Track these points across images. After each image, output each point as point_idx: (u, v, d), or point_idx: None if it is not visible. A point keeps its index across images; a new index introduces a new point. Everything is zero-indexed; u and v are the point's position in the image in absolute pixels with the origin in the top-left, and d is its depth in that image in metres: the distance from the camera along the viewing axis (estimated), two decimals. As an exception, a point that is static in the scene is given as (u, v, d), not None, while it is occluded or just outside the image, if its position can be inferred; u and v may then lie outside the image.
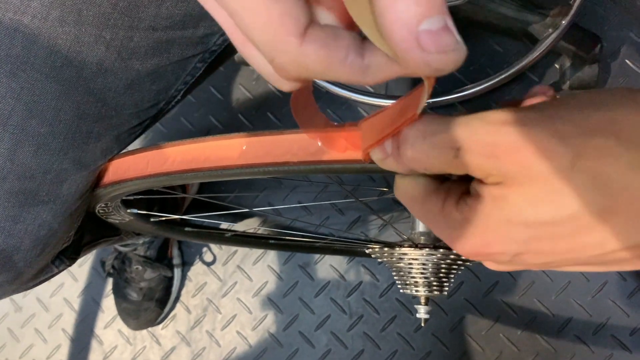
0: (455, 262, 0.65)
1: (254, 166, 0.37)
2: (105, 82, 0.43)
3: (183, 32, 0.44)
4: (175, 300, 1.11)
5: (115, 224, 0.70)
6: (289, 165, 0.36)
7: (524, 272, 1.05)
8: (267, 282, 1.09)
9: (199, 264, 1.12)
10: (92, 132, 0.44)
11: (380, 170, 0.35)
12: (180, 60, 0.46)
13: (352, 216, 1.09)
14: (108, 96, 0.43)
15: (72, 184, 0.44)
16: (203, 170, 0.39)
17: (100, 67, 0.42)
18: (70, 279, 1.16)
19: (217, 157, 0.39)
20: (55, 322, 1.15)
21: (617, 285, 1.03)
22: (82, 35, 0.41)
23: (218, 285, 1.11)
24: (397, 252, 0.65)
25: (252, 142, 0.37)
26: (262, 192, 1.11)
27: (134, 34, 0.42)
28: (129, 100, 0.44)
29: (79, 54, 0.41)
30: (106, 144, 0.45)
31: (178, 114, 1.17)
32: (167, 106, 0.49)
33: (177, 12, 0.43)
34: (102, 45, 0.41)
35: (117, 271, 1.07)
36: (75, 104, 0.42)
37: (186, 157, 0.40)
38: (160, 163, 0.42)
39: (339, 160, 0.35)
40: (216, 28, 0.46)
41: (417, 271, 0.65)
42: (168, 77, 0.46)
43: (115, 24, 0.41)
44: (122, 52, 0.42)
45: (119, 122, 0.45)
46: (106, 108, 0.44)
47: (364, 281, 1.07)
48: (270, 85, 1.15)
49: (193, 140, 0.40)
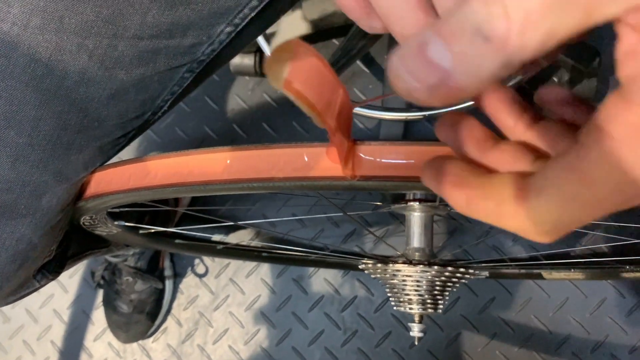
0: (450, 279, 0.64)
1: (238, 181, 0.36)
2: (88, 92, 0.41)
3: (170, 41, 0.43)
4: (166, 313, 1.09)
5: (103, 236, 0.68)
6: (274, 181, 0.35)
7: (521, 287, 1.03)
8: (260, 295, 1.07)
9: (191, 276, 1.10)
10: (73, 144, 0.42)
11: (369, 187, 0.33)
12: (167, 70, 0.44)
13: (347, 229, 1.07)
14: (91, 106, 0.42)
15: (52, 196, 0.43)
16: (185, 185, 0.37)
17: (82, 76, 0.41)
18: (60, 290, 1.14)
19: (201, 171, 0.37)
20: (44, 333, 1.13)
21: (615, 303, 1.01)
22: (63, 44, 0.39)
23: (210, 298, 1.09)
24: (391, 269, 0.64)
25: (236, 157, 0.36)
26: (256, 205, 1.09)
27: (118, 43, 0.41)
28: (112, 110, 0.43)
29: (61, 62, 0.40)
30: (88, 156, 0.44)
31: (172, 123, 1.16)
32: (153, 117, 0.47)
33: (164, 20, 0.42)
34: (84, 54, 0.40)
35: (107, 282, 1.05)
36: (56, 114, 0.40)
37: (169, 171, 0.39)
38: (142, 176, 0.40)
39: (326, 176, 0.34)
40: (204, 37, 0.45)
41: (411, 288, 0.64)
42: (154, 87, 0.45)
43: (99, 32, 0.40)
44: (105, 62, 0.41)
45: (102, 133, 0.44)
46: (88, 119, 0.42)
47: (359, 295, 1.05)
48: (266, 95, 1.14)
49: (176, 153, 0.39)
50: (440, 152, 0.30)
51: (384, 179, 0.32)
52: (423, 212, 0.68)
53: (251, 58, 1.11)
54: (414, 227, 0.68)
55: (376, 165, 0.32)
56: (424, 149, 0.31)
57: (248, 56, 1.11)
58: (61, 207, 0.44)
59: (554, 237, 0.19)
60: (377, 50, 1.12)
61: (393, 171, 0.31)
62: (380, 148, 0.32)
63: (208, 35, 0.45)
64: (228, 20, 0.45)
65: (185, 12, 0.42)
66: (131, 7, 0.41)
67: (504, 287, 1.03)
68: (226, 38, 0.46)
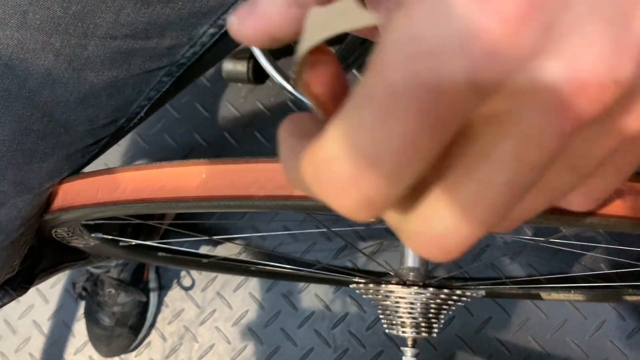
0: (446, 302, 0.60)
1: (213, 199, 0.32)
2: (54, 94, 0.38)
3: (146, 42, 0.39)
4: (150, 327, 1.05)
5: (80, 248, 0.64)
6: (253, 200, 0.31)
7: (518, 307, 1.00)
8: (247, 310, 1.03)
9: (176, 289, 1.06)
10: (36, 151, 0.38)
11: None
12: (143, 73, 0.41)
13: (339, 243, 1.03)
14: (56, 110, 0.38)
15: (11, 208, 0.39)
16: (155, 201, 0.34)
17: (47, 77, 0.37)
18: (40, 300, 1.10)
19: (173, 186, 0.33)
20: (22, 345, 1.09)
21: (615, 325, 0.98)
22: (26, 41, 0.36)
23: (196, 312, 1.05)
24: (383, 290, 0.60)
25: (213, 171, 0.32)
26: (246, 216, 1.05)
27: (89, 42, 0.37)
28: (81, 115, 0.39)
29: (23, 61, 0.36)
30: (54, 165, 0.40)
31: (161, 130, 1.12)
32: (128, 124, 0.44)
33: (140, 19, 0.38)
34: (50, 53, 0.37)
35: (89, 294, 1.01)
36: (17, 117, 0.37)
37: (139, 184, 0.35)
38: (112, 190, 0.36)
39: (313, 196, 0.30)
40: (185, 39, 0.41)
41: (404, 310, 0.60)
42: (128, 91, 0.41)
43: (67, 30, 0.37)
44: (73, 62, 0.37)
45: (70, 140, 0.40)
46: (54, 124, 0.38)
47: (351, 312, 1.01)
48: (259, 103, 1.11)
49: (148, 165, 0.35)
50: None
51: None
52: (419, 229, 0.64)
53: (244, 64, 1.07)
54: (408, 245, 0.64)
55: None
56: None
57: (241, 62, 1.07)
58: (23, 220, 0.40)
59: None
60: (374, 59, 1.08)
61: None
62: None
63: (189, 36, 0.41)
64: (211, 21, 0.42)
65: (163, 11, 0.39)
66: (103, 4, 0.37)
67: (501, 307, 1.00)
68: (209, 40, 0.43)
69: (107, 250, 0.68)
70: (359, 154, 0.13)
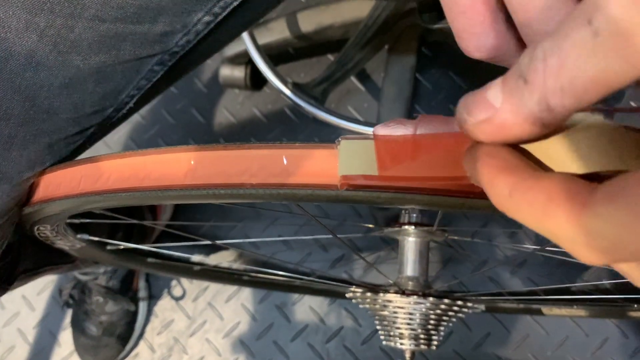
0: (447, 313, 0.58)
1: (202, 187, 0.29)
2: (36, 77, 0.35)
3: (137, 26, 0.37)
4: (138, 337, 1.02)
5: (65, 250, 0.62)
6: (244, 188, 0.29)
7: (518, 323, 0.97)
8: (239, 322, 1.00)
9: (167, 298, 1.03)
10: (15, 137, 0.36)
11: (358, 199, 0.27)
12: (133, 60, 0.39)
13: (335, 253, 1.01)
14: (39, 95, 0.36)
15: (-13, 199, 0.37)
16: (141, 190, 0.31)
17: (30, 59, 0.35)
18: (26, 308, 1.07)
19: (159, 174, 0.31)
20: (6, 354, 1.05)
21: (618, 343, 0.95)
22: (8, 20, 0.34)
23: (186, 323, 1.02)
24: (381, 299, 0.58)
25: (202, 158, 0.30)
26: (241, 223, 1.03)
27: (76, 24, 0.35)
28: (65, 102, 0.37)
29: (4, 41, 0.34)
30: (34, 153, 0.38)
31: (156, 135, 1.10)
32: (116, 114, 0.41)
33: (131, 2, 0.36)
34: (33, 33, 0.34)
35: (76, 302, 0.98)
36: None
37: (123, 173, 0.33)
38: (94, 179, 0.34)
39: (308, 184, 0.28)
40: (178, 26, 0.39)
41: (402, 321, 0.57)
42: (117, 78, 0.39)
43: (52, 9, 0.34)
44: (59, 44, 0.35)
45: (52, 127, 0.38)
46: (35, 109, 0.36)
47: (345, 326, 0.98)
48: (256, 109, 1.09)
49: (133, 152, 0.33)
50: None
51: (378, 189, 0.26)
52: (418, 237, 0.62)
53: (242, 70, 1.05)
54: (407, 254, 0.62)
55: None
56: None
57: (238, 68, 1.05)
58: (0, 212, 0.38)
59: (606, 259, 0.16)
60: (373, 67, 1.07)
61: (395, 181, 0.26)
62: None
63: (183, 23, 0.39)
64: (207, 8, 0.40)
65: None
66: (92, -17, 0.35)
67: (500, 322, 0.97)
68: (204, 29, 0.41)
69: (93, 253, 0.65)
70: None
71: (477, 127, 0.19)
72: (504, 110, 0.18)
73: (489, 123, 0.18)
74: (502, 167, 0.18)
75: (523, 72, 0.17)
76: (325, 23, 0.97)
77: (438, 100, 1.05)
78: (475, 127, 0.19)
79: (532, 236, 0.98)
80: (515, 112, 0.17)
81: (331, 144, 0.28)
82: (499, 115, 0.18)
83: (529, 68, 0.17)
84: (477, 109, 0.18)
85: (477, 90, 0.19)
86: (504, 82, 0.18)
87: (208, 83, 1.12)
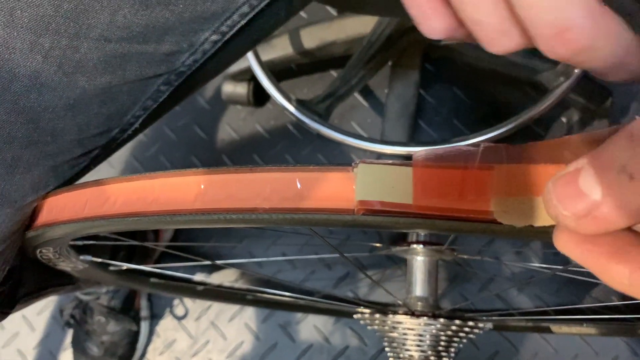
0: (457, 334, 0.56)
1: (213, 212, 0.29)
2: (41, 99, 0.35)
3: (143, 46, 0.37)
4: (140, 358, 1.00)
5: (67, 271, 0.60)
6: (257, 213, 0.28)
7: (526, 341, 0.95)
8: (242, 342, 0.99)
9: (169, 318, 1.02)
10: (19, 160, 0.35)
11: (376, 224, 0.26)
12: (139, 80, 0.38)
13: (339, 272, 0.99)
14: (43, 117, 0.35)
15: (-10, 224, 0.36)
16: (148, 215, 0.30)
17: (34, 80, 0.34)
18: (26, 328, 1.05)
19: (168, 198, 0.30)
20: (5, 376, 1.03)
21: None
22: (13, 41, 0.33)
23: (189, 343, 1.00)
24: (390, 320, 0.56)
25: (212, 182, 0.29)
26: (243, 242, 1.01)
27: (81, 44, 0.35)
28: (70, 123, 0.36)
29: (8, 62, 0.33)
30: (38, 176, 0.37)
31: (157, 152, 1.09)
32: (121, 135, 0.41)
33: (137, 21, 0.36)
34: (38, 54, 0.34)
35: (77, 322, 0.97)
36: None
37: (130, 197, 0.32)
38: (100, 203, 0.33)
39: (323, 209, 0.27)
40: (185, 45, 0.38)
41: (412, 343, 0.56)
42: (122, 99, 0.38)
43: (58, 30, 0.34)
44: (64, 65, 0.34)
45: (57, 149, 0.37)
46: (40, 131, 0.35)
47: (351, 345, 0.96)
48: (258, 126, 1.08)
49: (140, 176, 0.32)
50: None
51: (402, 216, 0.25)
52: (427, 256, 0.61)
53: (244, 86, 1.05)
54: (416, 273, 0.61)
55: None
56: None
57: (241, 84, 1.05)
58: (3, 236, 0.37)
59: None
60: (376, 83, 1.06)
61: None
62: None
63: (189, 42, 0.39)
64: (214, 28, 0.39)
65: (162, 14, 0.36)
66: (98, 3, 0.34)
67: (509, 341, 0.95)
68: (211, 48, 0.40)
69: (96, 274, 0.64)
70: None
71: (576, 221, 0.18)
72: (606, 205, 0.17)
73: (589, 218, 0.18)
74: (611, 253, 0.18)
75: (626, 168, 0.16)
76: (328, 39, 0.97)
77: (442, 115, 1.05)
78: (574, 222, 0.18)
79: (539, 254, 0.96)
80: (619, 207, 0.17)
81: (346, 166, 0.27)
82: (600, 210, 0.17)
83: (633, 164, 0.16)
84: (572, 201, 0.18)
85: (563, 175, 0.19)
86: (601, 173, 0.17)
87: (210, 100, 1.12)
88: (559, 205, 0.18)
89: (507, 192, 0.22)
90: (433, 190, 0.24)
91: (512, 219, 0.22)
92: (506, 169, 0.23)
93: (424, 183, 0.24)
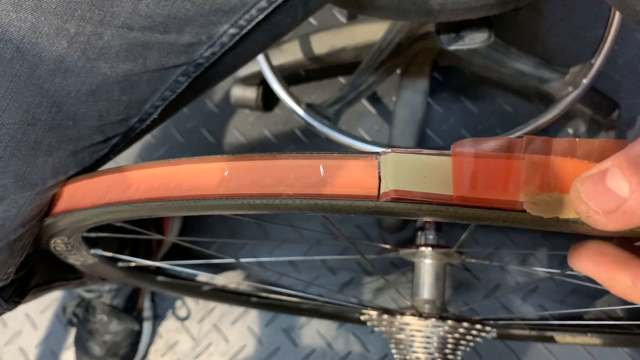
0: (465, 337, 0.56)
1: (237, 197, 0.29)
2: (64, 83, 0.35)
3: (164, 36, 0.37)
4: (142, 358, 1.00)
5: (76, 265, 0.61)
6: (281, 198, 0.28)
7: (529, 351, 0.95)
8: (245, 345, 0.98)
9: (171, 319, 1.02)
10: (41, 143, 0.36)
11: (397, 211, 0.27)
12: (159, 69, 0.38)
13: (344, 277, 0.99)
14: (66, 101, 0.35)
15: (11, 205, 0.36)
16: (172, 200, 0.31)
17: (59, 65, 0.34)
18: (29, 326, 1.05)
19: (192, 184, 0.30)
20: (6, 374, 1.03)
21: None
22: (40, 25, 0.33)
23: (191, 345, 1.00)
24: (398, 322, 0.56)
25: (236, 167, 0.29)
26: (248, 243, 1.01)
27: (105, 31, 0.35)
28: (91, 109, 0.37)
29: (35, 46, 0.34)
30: (59, 160, 0.37)
31: (166, 155, 1.09)
32: (140, 124, 0.41)
33: (159, 11, 0.36)
34: (64, 39, 0.34)
35: (79, 320, 0.96)
36: (24, 105, 0.34)
37: (153, 183, 0.32)
38: (122, 189, 0.33)
39: (346, 195, 0.27)
40: (204, 37, 0.39)
41: (419, 345, 0.56)
42: (142, 88, 0.38)
43: (83, 16, 0.34)
44: (87, 51, 0.35)
45: (77, 134, 0.37)
46: (62, 115, 0.36)
47: (353, 351, 0.96)
48: (266, 130, 1.09)
49: (163, 162, 0.32)
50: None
51: (421, 202, 0.26)
52: (435, 259, 0.61)
53: (253, 91, 1.06)
54: (424, 276, 0.61)
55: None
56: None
57: (250, 88, 1.06)
58: (22, 220, 0.37)
59: None
60: (384, 90, 1.07)
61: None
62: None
63: (208, 35, 0.39)
64: (232, 21, 0.40)
65: (183, 5, 0.37)
66: (124, -8, 0.35)
67: (511, 350, 0.95)
68: (229, 41, 0.41)
69: (104, 270, 0.64)
70: None
71: (606, 216, 0.20)
72: (634, 199, 0.19)
73: (618, 213, 0.19)
74: (618, 263, 0.21)
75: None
76: (338, 46, 0.98)
77: (449, 124, 1.05)
78: (604, 217, 0.20)
79: (544, 261, 0.96)
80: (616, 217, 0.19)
81: (369, 155, 0.28)
82: (628, 205, 0.19)
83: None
84: (602, 199, 0.20)
85: (589, 175, 0.20)
86: (628, 172, 0.19)
87: (219, 103, 1.12)
88: (589, 202, 0.20)
89: (539, 186, 0.23)
90: (476, 182, 0.24)
91: (540, 211, 0.23)
92: (537, 162, 0.24)
93: (471, 174, 0.25)
